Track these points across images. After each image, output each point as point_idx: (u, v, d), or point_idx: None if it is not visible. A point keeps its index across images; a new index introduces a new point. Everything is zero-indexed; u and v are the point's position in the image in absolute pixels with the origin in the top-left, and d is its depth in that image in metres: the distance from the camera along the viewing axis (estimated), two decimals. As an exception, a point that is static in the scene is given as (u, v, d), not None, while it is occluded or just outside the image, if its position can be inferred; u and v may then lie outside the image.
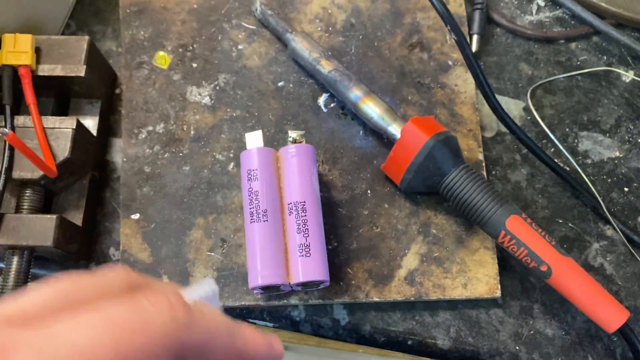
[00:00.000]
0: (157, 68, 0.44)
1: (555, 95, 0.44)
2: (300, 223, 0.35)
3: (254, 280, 0.34)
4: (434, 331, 0.39)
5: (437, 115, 0.42)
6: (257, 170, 0.36)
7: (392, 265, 0.39)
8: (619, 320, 0.34)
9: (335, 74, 0.41)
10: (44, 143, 0.36)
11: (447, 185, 0.37)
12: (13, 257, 0.36)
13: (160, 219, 0.40)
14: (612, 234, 0.41)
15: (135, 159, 0.42)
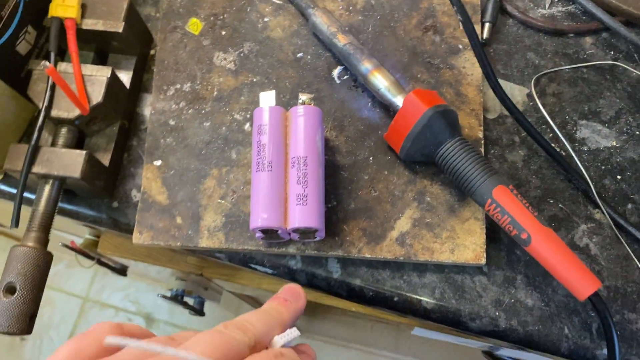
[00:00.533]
0: (189, 33, 0.48)
1: (559, 84, 0.46)
2: (301, 175, 0.39)
3: (255, 222, 0.38)
4: (419, 291, 0.42)
5: (443, 94, 0.45)
6: (267, 125, 0.39)
7: (386, 227, 0.42)
8: (590, 288, 0.36)
9: (350, 47, 0.44)
10: (80, 87, 0.41)
11: (442, 155, 0.40)
12: (45, 186, 0.41)
13: (179, 166, 0.44)
14: (601, 218, 0.43)
15: (162, 113, 0.46)
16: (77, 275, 1.55)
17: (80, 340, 0.26)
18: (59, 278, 1.54)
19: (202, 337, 0.26)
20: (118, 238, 0.55)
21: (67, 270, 1.55)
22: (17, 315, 0.37)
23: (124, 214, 0.45)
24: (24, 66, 0.44)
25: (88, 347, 0.25)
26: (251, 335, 0.28)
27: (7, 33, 0.41)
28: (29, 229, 0.40)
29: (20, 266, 0.38)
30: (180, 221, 0.43)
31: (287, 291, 0.34)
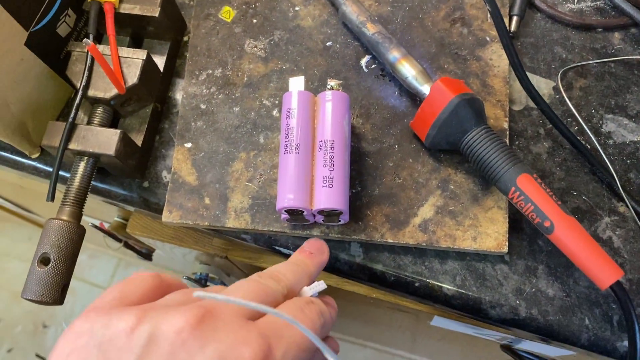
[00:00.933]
0: (222, 20, 0.49)
1: (586, 78, 0.47)
2: (327, 158, 0.39)
3: (281, 202, 0.39)
4: (441, 277, 0.42)
5: (469, 84, 0.46)
6: (295, 109, 0.40)
7: (409, 213, 0.43)
8: (612, 277, 0.36)
9: (378, 36, 0.45)
10: (117, 67, 0.42)
11: (467, 143, 0.40)
12: (80, 163, 0.42)
13: (208, 149, 0.45)
14: (624, 211, 0.43)
15: (194, 97, 0.47)
16: (100, 266, 1.58)
17: (124, 286, 0.27)
18: (82, 268, 1.57)
19: (242, 285, 0.29)
20: (146, 219, 0.57)
21: (90, 261, 1.58)
22: (51, 285, 0.39)
23: (154, 193, 0.46)
24: (63, 48, 0.45)
25: (132, 292, 0.27)
26: (284, 285, 0.30)
27: (49, 15, 0.43)
28: (64, 203, 0.41)
29: (54, 238, 0.40)
30: (209, 202, 0.44)
31: (311, 245, 0.37)
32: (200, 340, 0.24)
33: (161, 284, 0.29)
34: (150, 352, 0.24)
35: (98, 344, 0.24)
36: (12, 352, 1.52)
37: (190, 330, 0.24)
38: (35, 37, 0.42)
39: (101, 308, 0.26)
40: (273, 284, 0.30)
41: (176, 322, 0.24)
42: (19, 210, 1.16)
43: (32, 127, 0.45)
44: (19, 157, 0.48)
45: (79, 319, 0.26)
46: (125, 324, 0.25)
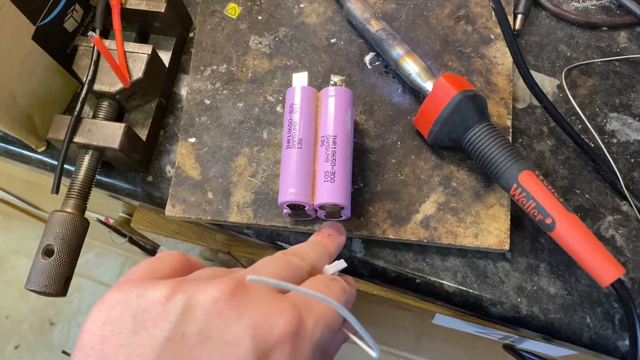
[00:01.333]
0: (227, 17, 0.50)
1: (590, 77, 0.47)
2: (329, 153, 0.40)
3: (283, 197, 0.39)
4: (442, 274, 0.42)
5: (473, 82, 0.46)
6: (298, 104, 0.41)
7: (411, 210, 0.43)
8: (613, 275, 0.36)
9: (382, 33, 0.45)
10: (122, 62, 0.43)
11: (469, 139, 0.40)
12: (85, 156, 0.43)
13: (212, 144, 0.46)
14: (628, 210, 0.43)
15: (198, 92, 0.47)
16: (107, 264, 1.59)
17: (154, 261, 0.28)
18: (89, 266, 1.58)
19: (269, 262, 0.30)
20: (150, 214, 0.57)
21: (97, 259, 1.59)
22: (54, 276, 0.39)
23: (157, 188, 0.47)
24: (70, 43, 0.46)
25: (161, 268, 0.28)
26: (308, 262, 0.32)
27: (56, 10, 0.43)
28: (68, 196, 0.42)
29: (58, 230, 0.40)
30: (212, 196, 0.44)
31: (329, 227, 0.39)
32: (236, 309, 0.25)
33: (187, 262, 0.30)
34: (186, 321, 0.24)
35: (133, 314, 0.24)
36: (19, 349, 1.53)
37: (226, 300, 0.25)
38: (42, 31, 0.42)
39: (133, 280, 0.27)
40: (298, 261, 0.31)
41: (212, 292, 0.25)
42: (27, 207, 1.17)
43: (38, 121, 0.46)
44: (26, 151, 0.49)
45: (112, 291, 0.26)
46: (160, 293, 0.25)
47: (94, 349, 0.24)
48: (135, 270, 0.28)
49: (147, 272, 0.28)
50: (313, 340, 0.27)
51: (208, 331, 0.24)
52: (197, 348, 0.24)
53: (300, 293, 0.28)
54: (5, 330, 1.53)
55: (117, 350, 0.24)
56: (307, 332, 0.27)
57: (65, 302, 1.54)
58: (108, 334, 0.24)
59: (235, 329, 0.24)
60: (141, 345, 0.24)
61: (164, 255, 0.29)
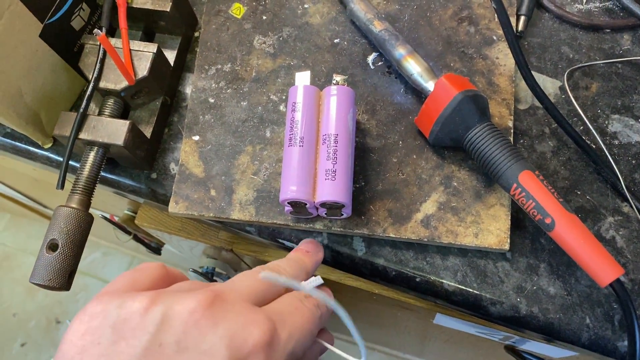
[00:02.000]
0: (232, 17, 0.50)
1: (593, 78, 0.47)
2: (331, 152, 0.40)
3: (284, 194, 0.39)
4: (442, 273, 0.42)
5: (475, 82, 0.46)
6: (300, 103, 0.41)
7: (412, 209, 0.43)
8: (612, 275, 0.36)
9: (385, 34, 0.45)
10: (128, 60, 0.43)
11: (470, 139, 0.41)
12: (90, 152, 0.43)
13: (215, 142, 0.46)
14: (629, 211, 0.43)
15: (203, 91, 0.48)
16: (113, 263, 1.60)
17: (134, 273, 0.29)
18: (96, 265, 1.59)
19: (247, 275, 0.31)
20: (154, 211, 0.58)
21: (104, 258, 1.60)
22: (58, 270, 0.40)
23: (161, 185, 0.47)
24: (77, 41, 0.47)
25: (142, 279, 0.29)
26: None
27: (64, 8, 0.44)
28: (73, 191, 0.42)
29: (63, 225, 0.41)
30: (214, 193, 0.45)
31: (307, 244, 0.40)
32: (212, 320, 0.26)
33: (168, 274, 0.31)
34: (164, 331, 0.25)
35: (112, 324, 0.25)
36: (25, 347, 1.54)
37: (203, 311, 0.26)
38: (49, 29, 0.43)
39: (113, 292, 0.28)
40: None
41: (189, 303, 0.26)
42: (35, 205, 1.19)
43: (45, 118, 0.47)
44: (32, 147, 0.49)
45: (92, 302, 0.27)
46: (139, 304, 0.26)
47: (73, 358, 0.25)
48: (116, 281, 0.29)
49: (128, 283, 0.29)
50: (286, 351, 0.28)
51: (185, 341, 0.25)
52: (174, 357, 0.24)
53: (273, 303, 0.31)
54: (12, 328, 1.55)
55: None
56: (281, 343, 0.28)
57: (71, 301, 1.55)
58: (88, 344, 0.25)
59: (211, 339, 0.25)
60: (120, 355, 0.24)
61: (144, 267, 0.30)
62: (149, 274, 0.30)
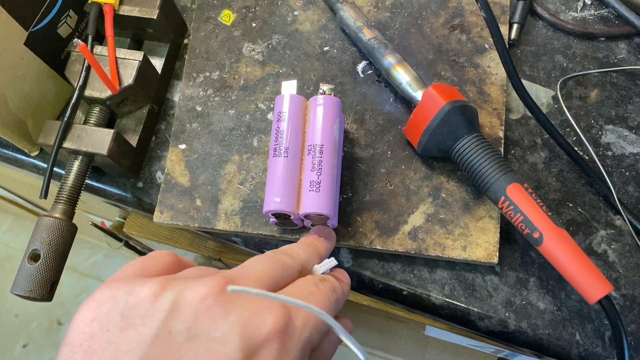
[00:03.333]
0: (222, 24, 0.50)
1: (586, 88, 0.46)
2: (316, 163, 0.39)
3: (268, 205, 0.39)
4: (429, 286, 0.42)
5: (465, 92, 0.45)
6: (286, 112, 0.40)
7: (399, 220, 0.42)
8: (601, 292, 0.35)
9: (374, 42, 0.45)
10: (113, 68, 0.43)
11: (458, 150, 0.40)
12: (74, 161, 0.43)
13: (202, 151, 0.46)
14: (621, 224, 0.42)
15: (190, 98, 0.47)
16: (115, 265, 1.60)
17: (145, 260, 0.28)
18: (97, 267, 1.59)
19: (259, 260, 0.30)
20: (143, 219, 0.57)
21: (105, 260, 1.60)
22: (39, 281, 0.39)
23: (147, 194, 0.47)
24: (64, 48, 0.46)
25: (152, 266, 0.28)
26: (298, 262, 0.32)
27: (49, 16, 0.44)
28: (57, 201, 0.42)
29: (45, 235, 0.40)
30: (200, 203, 0.44)
31: (319, 230, 0.38)
32: (224, 307, 0.25)
33: (178, 262, 0.30)
34: (174, 318, 0.24)
35: (121, 311, 0.24)
36: (27, 348, 1.54)
37: (214, 298, 0.25)
38: (35, 37, 0.43)
39: (123, 278, 0.27)
40: (288, 260, 0.31)
41: (200, 290, 0.25)
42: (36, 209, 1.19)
43: (31, 125, 0.46)
44: (20, 155, 0.49)
45: (101, 288, 0.26)
46: (148, 290, 0.25)
47: (81, 345, 0.24)
48: (126, 267, 0.28)
49: (138, 269, 0.28)
50: (302, 339, 0.26)
51: (196, 328, 0.24)
52: (184, 345, 0.24)
53: (289, 287, 0.29)
54: (14, 329, 1.55)
55: (104, 347, 0.24)
56: (296, 331, 0.26)
57: (73, 303, 1.56)
58: (96, 330, 0.24)
59: (222, 326, 0.24)
60: (128, 342, 0.24)
61: (155, 254, 0.30)
62: (159, 260, 0.29)
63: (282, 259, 0.31)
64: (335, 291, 0.31)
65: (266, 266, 0.30)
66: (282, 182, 0.39)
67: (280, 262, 0.31)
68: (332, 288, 0.31)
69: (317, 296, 0.30)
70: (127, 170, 0.45)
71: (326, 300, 0.30)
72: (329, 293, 0.31)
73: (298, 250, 0.34)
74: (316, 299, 0.29)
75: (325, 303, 0.30)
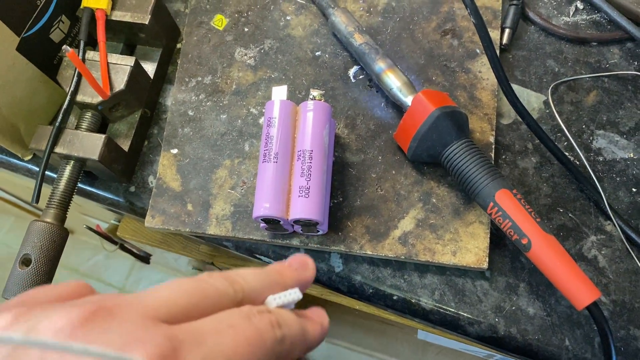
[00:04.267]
0: (214, 28, 0.50)
1: (578, 93, 0.46)
2: (305, 168, 0.39)
3: (257, 211, 0.39)
4: (419, 291, 0.42)
5: (456, 97, 0.45)
6: (276, 118, 0.40)
7: (389, 225, 0.42)
8: (589, 298, 0.35)
9: (365, 47, 0.45)
10: (105, 73, 0.43)
11: (447, 156, 0.40)
12: (66, 166, 0.43)
13: (194, 155, 0.46)
14: (612, 230, 0.42)
15: (183, 103, 0.48)
16: (115, 267, 1.60)
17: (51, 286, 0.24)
18: (98, 268, 1.59)
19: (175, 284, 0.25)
20: (137, 223, 0.57)
21: (106, 261, 1.60)
22: (30, 286, 0.40)
23: (140, 198, 0.47)
24: (56, 53, 0.46)
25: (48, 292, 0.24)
26: (239, 289, 0.26)
27: (42, 21, 0.44)
28: (49, 205, 0.42)
29: (37, 240, 0.40)
30: (191, 208, 0.44)
31: (295, 258, 0.31)
32: (82, 340, 0.20)
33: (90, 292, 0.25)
34: (16, 357, 0.20)
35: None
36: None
37: (72, 331, 0.20)
38: (27, 42, 0.43)
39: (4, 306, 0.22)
40: (222, 286, 0.25)
41: (57, 321, 0.20)
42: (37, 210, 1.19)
43: (24, 130, 0.46)
44: (13, 159, 0.49)
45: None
46: (3, 322, 0.21)
47: None
48: (28, 292, 0.24)
49: (31, 296, 0.24)
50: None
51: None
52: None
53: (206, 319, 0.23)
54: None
55: None
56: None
57: (73, 304, 1.56)
58: None
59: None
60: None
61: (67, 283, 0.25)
62: (63, 288, 0.24)
63: (214, 283, 0.25)
64: (283, 328, 0.24)
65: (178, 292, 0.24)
66: (271, 187, 0.39)
67: (201, 289, 0.24)
68: (274, 323, 0.24)
69: (239, 330, 0.23)
70: (119, 174, 0.45)
71: (255, 337, 0.23)
72: (264, 328, 0.24)
73: (246, 275, 0.27)
74: (234, 334, 0.23)
75: (250, 341, 0.23)
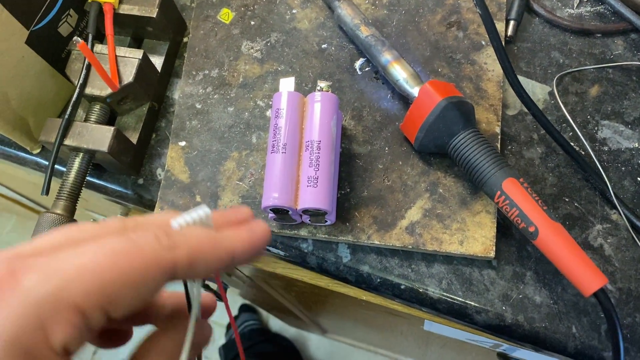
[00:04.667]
0: (221, 22, 0.50)
1: (583, 84, 0.46)
2: (313, 159, 0.40)
3: (266, 201, 0.39)
4: (427, 280, 0.42)
5: (462, 88, 0.45)
6: (284, 109, 0.41)
7: (397, 216, 0.42)
8: (596, 284, 0.36)
9: (371, 39, 0.45)
10: (113, 66, 0.43)
11: (454, 146, 0.40)
12: (75, 158, 0.44)
13: (202, 148, 0.46)
14: (617, 219, 0.42)
15: (190, 96, 0.48)
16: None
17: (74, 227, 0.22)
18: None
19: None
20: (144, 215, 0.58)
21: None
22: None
23: (148, 190, 0.47)
24: (64, 47, 0.47)
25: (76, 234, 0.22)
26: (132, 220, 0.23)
27: (50, 15, 0.44)
28: (58, 197, 0.43)
29: (47, 231, 0.41)
30: (200, 199, 0.44)
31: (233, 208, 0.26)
32: None
33: None
34: None
35: None
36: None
37: None
38: (36, 35, 0.43)
39: None
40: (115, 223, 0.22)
41: None
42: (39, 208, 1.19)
43: (33, 123, 0.47)
44: (22, 153, 0.50)
45: None
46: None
47: None
48: None
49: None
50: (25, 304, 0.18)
51: None
52: None
53: None
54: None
55: None
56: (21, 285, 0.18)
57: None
58: None
59: None
60: None
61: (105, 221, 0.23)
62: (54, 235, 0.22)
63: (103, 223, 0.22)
64: (172, 236, 0.21)
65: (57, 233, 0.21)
66: (280, 178, 0.39)
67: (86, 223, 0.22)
68: (160, 234, 0.21)
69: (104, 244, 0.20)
70: (127, 167, 0.45)
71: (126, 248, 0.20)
72: (143, 240, 0.20)
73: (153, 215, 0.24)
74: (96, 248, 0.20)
75: (117, 250, 0.20)
